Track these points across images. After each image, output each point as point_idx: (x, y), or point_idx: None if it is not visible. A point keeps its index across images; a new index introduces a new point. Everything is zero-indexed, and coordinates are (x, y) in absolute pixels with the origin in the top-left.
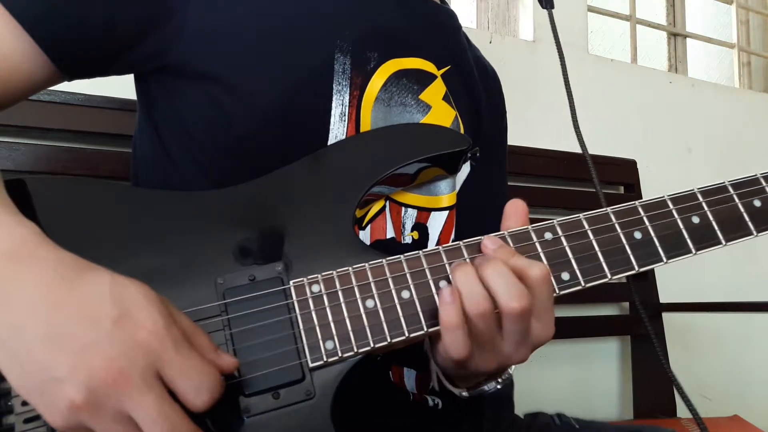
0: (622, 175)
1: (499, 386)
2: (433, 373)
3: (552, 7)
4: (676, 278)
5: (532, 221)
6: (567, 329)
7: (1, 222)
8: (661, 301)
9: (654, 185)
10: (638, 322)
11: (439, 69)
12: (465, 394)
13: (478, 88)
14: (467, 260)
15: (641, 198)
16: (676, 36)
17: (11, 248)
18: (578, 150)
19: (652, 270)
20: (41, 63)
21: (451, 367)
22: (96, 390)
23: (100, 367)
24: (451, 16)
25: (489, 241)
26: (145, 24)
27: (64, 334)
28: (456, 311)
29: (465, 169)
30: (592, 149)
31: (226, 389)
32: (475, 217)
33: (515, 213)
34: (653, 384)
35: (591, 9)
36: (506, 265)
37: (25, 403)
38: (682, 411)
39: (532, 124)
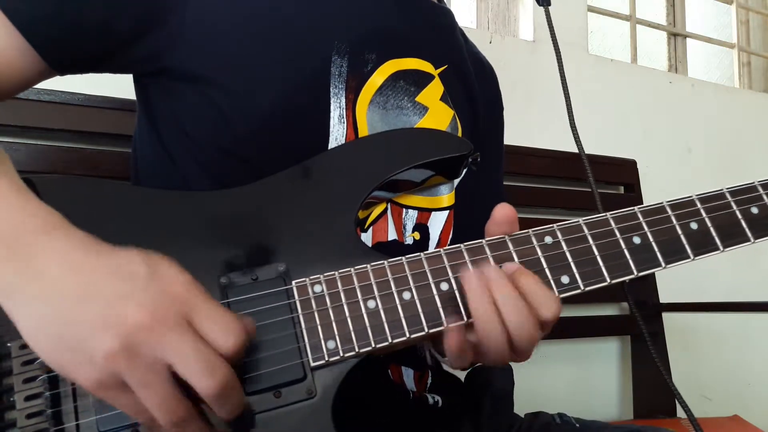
0: (622, 175)
1: None
2: (427, 351)
3: (548, 4)
4: (676, 278)
5: (532, 221)
6: (567, 329)
7: (26, 205)
8: (661, 301)
9: (654, 185)
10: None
11: (436, 68)
12: None
13: (475, 87)
14: (471, 269)
15: (641, 198)
16: (676, 36)
17: (38, 225)
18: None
19: None
20: (35, 61)
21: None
22: (132, 336)
23: (135, 314)
24: (448, 15)
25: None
26: (142, 25)
27: (99, 289)
28: (462, 339)
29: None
30: (593, 149)
31: None
32: (473, 215)
33: (506, 221)
34: (653, 384)
35: (591, 9)
36: (521, 293)
37: (27, 399)
38: (682, 411)
39: (532, 124)
